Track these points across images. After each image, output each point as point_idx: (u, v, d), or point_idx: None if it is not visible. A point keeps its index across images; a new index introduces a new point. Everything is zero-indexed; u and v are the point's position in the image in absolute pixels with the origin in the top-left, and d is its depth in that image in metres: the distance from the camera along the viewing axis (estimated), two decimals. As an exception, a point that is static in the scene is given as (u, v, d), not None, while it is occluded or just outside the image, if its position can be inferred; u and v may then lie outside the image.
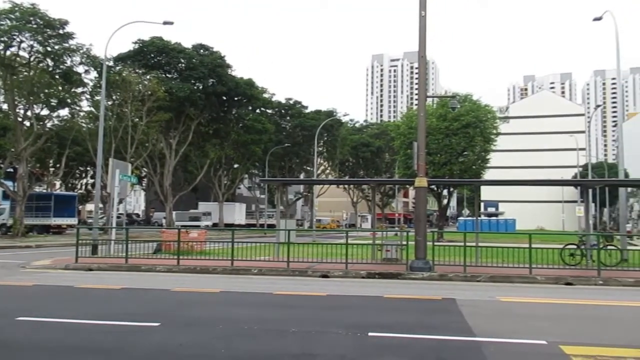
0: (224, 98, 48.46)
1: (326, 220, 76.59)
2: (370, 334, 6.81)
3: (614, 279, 13.68)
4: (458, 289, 12.12)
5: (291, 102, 58.77)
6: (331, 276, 14.39)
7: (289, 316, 8.45)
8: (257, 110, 53.61)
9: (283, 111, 58.83)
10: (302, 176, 64.53)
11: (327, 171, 66.68)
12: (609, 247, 17.10)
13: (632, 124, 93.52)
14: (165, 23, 24.23)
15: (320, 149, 60.15)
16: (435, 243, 15.89)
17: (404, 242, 16.19)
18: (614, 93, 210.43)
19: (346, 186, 70.73)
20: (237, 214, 59.93)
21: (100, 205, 43.79)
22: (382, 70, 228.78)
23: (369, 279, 14.12)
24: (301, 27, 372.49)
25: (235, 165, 55.57)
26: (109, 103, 37.48)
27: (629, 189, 75.27)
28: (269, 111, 57.16)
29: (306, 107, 59.95)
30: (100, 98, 26.30)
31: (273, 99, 56.13)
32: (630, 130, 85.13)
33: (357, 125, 76.33)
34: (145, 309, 9.08)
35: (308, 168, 63.14)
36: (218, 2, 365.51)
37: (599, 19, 22.82)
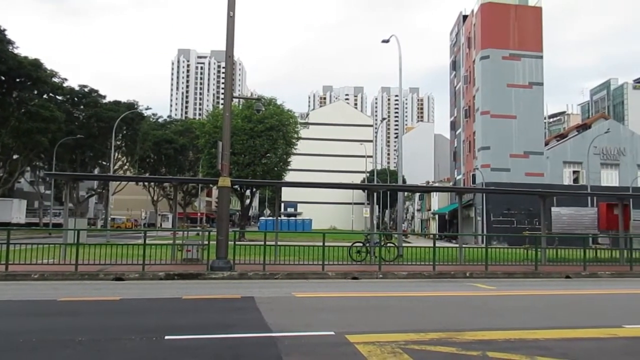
0: (2, 78, 42.14)
1: (121, 220, 71.89)
2: (167, 337, 6.59)
3: (391, 273, 15.50)
4: (257, 287, 12.44)
5: (86, 89, 53.55)
6: (126, 279, 13.55)
7: (75, 325, 7.70)
8: (45, 96, 47.75)
9: (77, 99, 53.27)
10: (96, 171, 59.34)
11: (126, 167, 62.48)
12: (388, 245, 19.34)
13: (410, 136, 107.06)
14: None
15: (118, 142, 56.08)
16: (237, 242, 16.09)
17: (206, 242, 16.06)
18: (396, 108, 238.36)
19: (146, 184, 67.32)
20: (15, 211, 52.44)
21: None
22: (188, 65, 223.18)
23: (167, 281, 13.66)
24: (104, 12, 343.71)
25: (15, 156, 48.61)
26: None
27: (406, 193, 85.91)
28: (60, 98, 51.31)
29: (104, 97, 55.21)
30: None
31: (65, 85, 50.55)
32: (409, 141, 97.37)
33: (160, 120, 73.10)
34: None
35: (104, 163, 58.28)
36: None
37: (386, 41, 25.63)
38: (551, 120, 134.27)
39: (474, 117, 48.73)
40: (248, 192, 47.06)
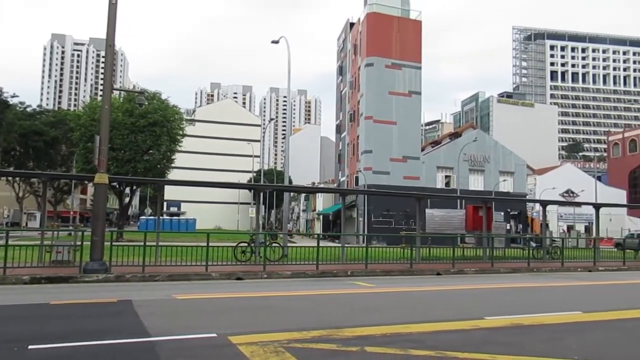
0: None
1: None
2: (30, 347, 6.04)
3: (276, 272, 15.61)
4: (135, 289, 11.87)
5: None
6: (-17, 284, 12.21)
7: None
8: None
9: None
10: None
11: (-15, 160, 56.20)
12: (273, 245, 19.46)
13: (297, 137, 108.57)
14: None
15: (-24, 132, 50.35)
16: (114, 243, 15.19)
17: (79, 243, 14.97)
18: (284, 109, 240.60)
19: (10, 179, 61.13)
20: None
21: None
22: (63, 52, 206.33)
23: (33, 285, 12.53)
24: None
25: None
26: None
27: (292, 194, 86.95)
28: None
29: (-41, 81, 49.30)
30: None
31: None
32: (296, 142, 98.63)
33: (29, 110, 66.77)
34: None
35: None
36: None
37: (276, 42, 25.75)
38: (427, 127, 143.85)
39: (358, 121, 50.67)
40: (128, 190, 44.69)
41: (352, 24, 56.59)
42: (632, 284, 15.97)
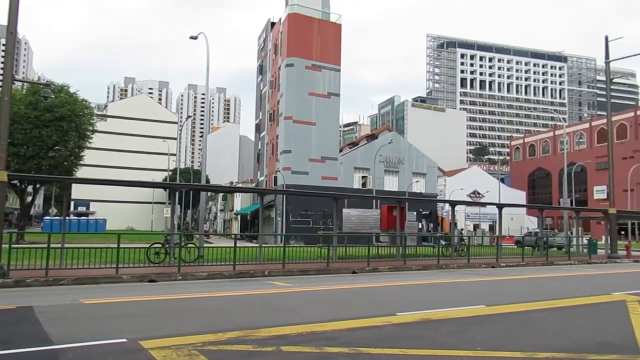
0: None
1: None
2: None
3: (191, 274, 15.26)
4: (37, 295, 11.14)
5: None
6: None
7: None
8: None
9: None
10: None
11: None
12: (189, 245, 19.02)
13: (216, 136, 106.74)
14: None
15: None
16: (14, 245, 14.13)
17: (-28, 246, 13.78)
18: (202, 106, 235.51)
19: None
20: None
21: None
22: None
23: None
24: None
25: None
26: None
27: (209, 193, 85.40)
28: None
29: None
30: None
31: None
32: (214, 141, 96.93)
33: None
34: None
35: None
36: None
37: (194, 38, 25.15)
38: (345, 129, 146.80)
39: (277, 121, 50.68)
40: (30, 189, 41.70)
41: (273, 24, 56.52)
42: (529, 278, 17.24)
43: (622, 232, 59.79)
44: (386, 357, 6.02)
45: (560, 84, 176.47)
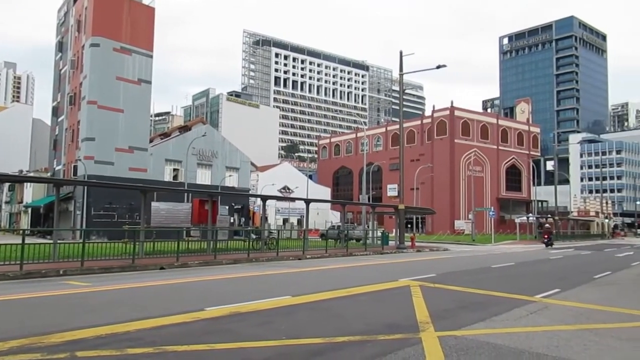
0: None
1: None
2: None
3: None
4: None
5: None
6: None
7: None
8: None
9: None
10: None
11: None
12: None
13: (3, 117, 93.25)
14: None
15: None
16: None
17: None
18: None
19: None
20: None
21: None
22: None
23: None
24: None
25: None
26: None
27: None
28: None
29: None
30: None
31: None
32: (0, 123, 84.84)
33: None
34: None
35: None
36: None
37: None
38: (157, 118, 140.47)
39: (79, 105, 46.13)
40: None
41: (76, -3, 51.18)
42: (332, 269, 18.56)
43: (409, 226, 67.81)
44: (193, 354, 5.93)
45: (362, 90, 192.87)
